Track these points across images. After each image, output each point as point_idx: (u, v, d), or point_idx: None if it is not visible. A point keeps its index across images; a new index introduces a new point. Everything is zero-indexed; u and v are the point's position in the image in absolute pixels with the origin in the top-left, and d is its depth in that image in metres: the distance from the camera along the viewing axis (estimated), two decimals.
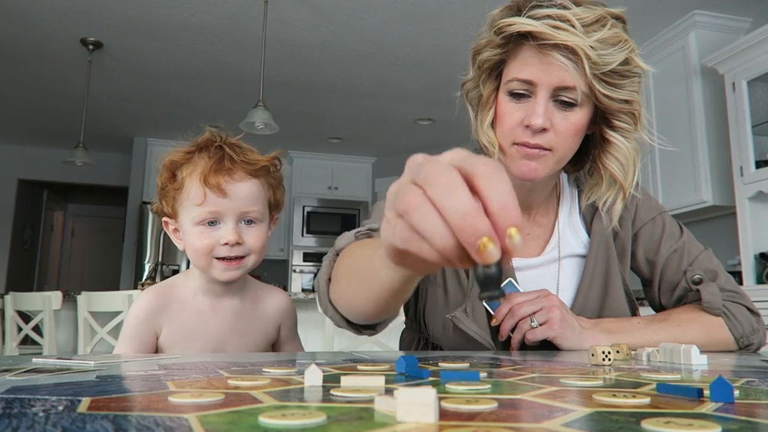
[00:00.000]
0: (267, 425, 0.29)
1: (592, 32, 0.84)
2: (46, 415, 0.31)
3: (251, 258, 1.00)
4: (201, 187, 0.95)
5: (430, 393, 0.30)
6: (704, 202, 3.49)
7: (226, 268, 0.97)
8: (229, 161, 0.97)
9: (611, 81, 0.85)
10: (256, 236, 1.00)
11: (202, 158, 0.98)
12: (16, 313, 3.13)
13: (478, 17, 1.05)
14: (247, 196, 0.98)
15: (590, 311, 1.01)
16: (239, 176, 0.97)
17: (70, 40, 4.03)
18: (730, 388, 0.38)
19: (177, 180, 0.98)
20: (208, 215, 0.96)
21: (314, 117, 5.62)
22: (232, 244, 0.96)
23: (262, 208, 1.01)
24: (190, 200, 0.96)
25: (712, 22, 3.59)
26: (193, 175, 0.97)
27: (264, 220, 1.02)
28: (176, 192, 0.98)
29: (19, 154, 6.81)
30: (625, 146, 0.91)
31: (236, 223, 0.97)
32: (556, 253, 1.04)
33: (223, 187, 0.95)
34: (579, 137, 0.91)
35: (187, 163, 0.98)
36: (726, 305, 0.99)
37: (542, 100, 0.87)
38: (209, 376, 0.49)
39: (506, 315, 0.92)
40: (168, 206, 1.00)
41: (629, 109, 0.89)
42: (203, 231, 0.96)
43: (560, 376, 0.51)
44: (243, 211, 0.97)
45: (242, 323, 1.04)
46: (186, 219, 0.98)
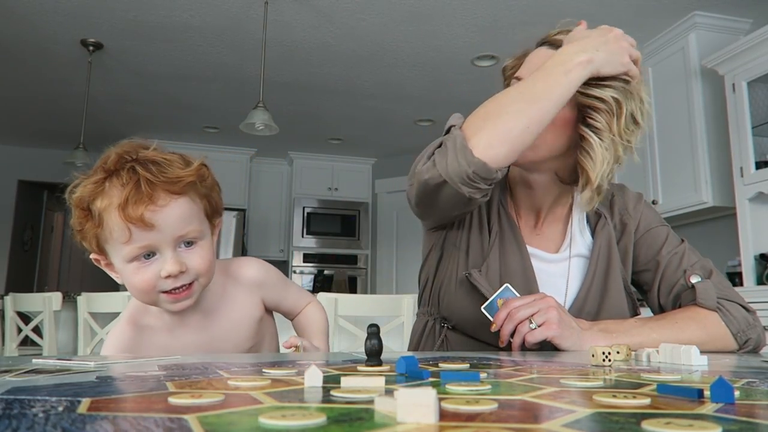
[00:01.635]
0: (267, 426, 0.29)
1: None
2: (46, 416, 0.31)
3: (200, 281, 0.90)
4: (122, 223, 0.81)
5: (430, 393, 0.30)
6: (704, 203, 3.49)
7: (174, 300, 0.88)
8: (147, 185, 0.82)
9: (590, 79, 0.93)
10: (200, 256, 0.88)
11: (115, 187, 0.83)
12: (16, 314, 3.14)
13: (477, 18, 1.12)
14: (178, 218, 0.85)
15: (590, 307, 1.06)
16: (163, 200, 0.83)
17: (71, 41, 4.03)
18: (730, 388, 0.38)
19: (93, 215, 0.84)
20: (140, 251, 0.84)
21: (314, 118, 5.62)
22: (174, 275, 0.85)
23: (199, 225, 0.89)
24: (114, 239, 0.83)
25: (712, 23, 3.59)
26: (109, 209, 0.82)
27: (205, 236, 0.90)
28: (96, 230, 0.85)
29: (19, 155, 6.81)
30: (594, 140, 0.95)
31: (174, 250, 0.85)
32: (567, 254, 1.11)
33: (147, 219, 0.81)
34: (556, 130, 0.97)
35: (100, 195, 0.83)
36: (720, 302, 1.02)
37: None
38: (209, 377, 0.49)
39: (505, 319, 0.93)
40: (92, 247, 0.88)
41: (604, 107, 0.94)
42: (139, 267, 0.85)
43: (560, 376, 0.51)
44: (178, 235, 0.85)
45: (215, 320, 0.98)
46: (116, 258, 0.86)
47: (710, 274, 1.07)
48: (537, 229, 1.13)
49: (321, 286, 6.47)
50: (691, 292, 1.04)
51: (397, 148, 6.59)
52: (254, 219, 6.79)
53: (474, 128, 0.90)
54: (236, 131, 4.61)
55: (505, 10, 3.55)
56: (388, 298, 2.38)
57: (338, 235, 6.83)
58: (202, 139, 6.26)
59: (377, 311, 2.32)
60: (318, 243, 6.76)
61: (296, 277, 6.62)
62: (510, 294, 0.98)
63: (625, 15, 3.56)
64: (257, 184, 6.84)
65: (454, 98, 5.03)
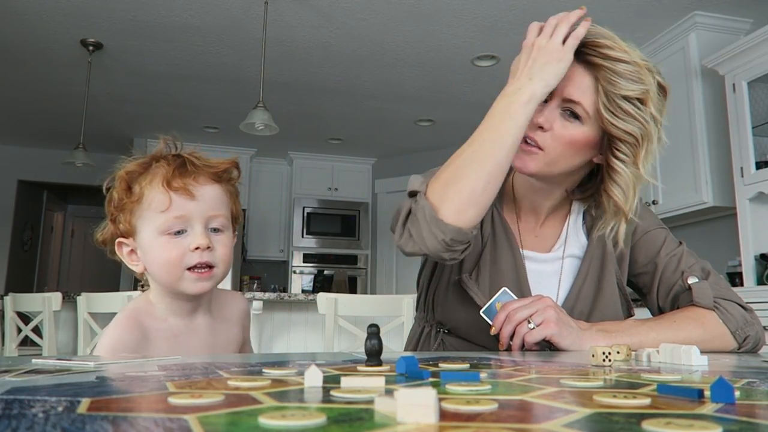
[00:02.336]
0: (267, 426, 0.29)
1: (620, 62, 0.94)
2: (45, 416, 0.31)
3: (220, 269, 0.95)
4: (165, 192, 0.90)
5: (430, 394, 0.30)
6: (704, 203, 3.49)
7: (198, 279, 0.92)
8: (191, 166, 0.93)
9: (618, 110, 0.94)
10: (224, 244, 0.95)
11: (161, 167, 0.93)
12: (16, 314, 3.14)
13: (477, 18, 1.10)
14: (213, 198, 0.94)
15: (582, 306, 1.07)
16: (203, 180, 0.93)
17: (70, 41, 4.04)
18: (730, 388, 0.38)
19: (134, 192, 0.93)
20: (175, 222, 0.90)
21: (314, 118, 5.62)
22: (203, 248, 0.91)
23: (228, 215, 0.97)
24: (152, 209, 0.91)
25: (712, 23, 3.59)
26: (153, 182, 0.92)
27: (229, 229, 0.97)
28: (134, 204, 0.92)
29: (18, 154, 6.81)
30: (625, 172, 0.98)
31: (204, 228, 0.92)
32: (560, 254, 1.12)
33: (189, 188, 0.91)
34: (575, 150, 0.99)
35: (144, 173, 0.93)
36: (717, 301, 1.03)
37: (552, 105, 0.98)
38: (209, 377, 0.49)
39: (503, 322, 0.95)
40: (125, 222, 0.94)
41: (630, 140, 0.96)
42: (169, 241, 0.91)
43: (560, 376, 0.51)
44: (210, 215, 0.93)
45: (216, 338, 1.01)
46: (148, 231, 0.92)
47: (708, 275, 1.08)
48: (536, 230, 1.13)
49: (321, 286, 6.47)
50: (688, 293, 1.05)
51: (397, 148, 6.59)
52: (254, 219, 6.79)
53: (439, 197, 0.93)
54: (236, 131, 4.61)
55: (505, 10, 3.55)
56: (388, 298, 2.38)
57: (338, 235, 6.83)
58: (202, 139, 6.26)
59: (377, 311, 2.32)
60: (318, 243, 6.76)
61: (296, 277, 6.62)
62: (508, 297, 1.00)
63: (625, 15, 3.56)
64: (257, 184, 6.84)
65: (454, 98, 5.03)
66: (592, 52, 0.96)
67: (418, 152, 6.63)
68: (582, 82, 0.96)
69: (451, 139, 6.02)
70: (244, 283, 6.39)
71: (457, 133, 5.82)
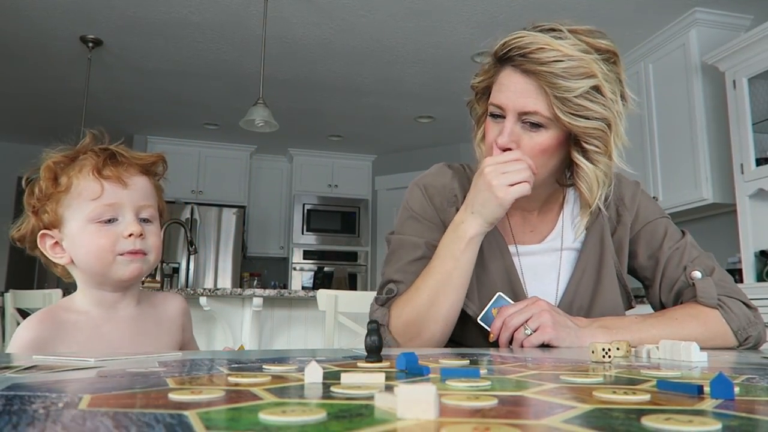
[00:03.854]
0: (267, 422, 0.29)
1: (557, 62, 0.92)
2: (46, 412, 0.31)
3: (152, 255, 0.94)
4: (96, 180, 0.90)
5: (430, 389, 0.30)
6: (704, 199, 3.48)
7: (130, 261, 0.91)
8: (121, 157, 0.94)
9: (573, 108, 0.93)
10: (155, 234, 0.95)
11: (89, 158, 0.93)
12: (16, 311, 3.14)
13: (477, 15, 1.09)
14: (143, 189, 0.95)
15: (582, 300, 1.06)
16: (133, 171, 0.94)
17: (70, 38, 4.03)
18: (730, 385, 0.38)
19: (60, 183, 0.92)
20: (106, 209, 0.90)
21: (314, 115, 5.61)
22: (137, 234, 0.90)
23: (156, 207, 0.97)
24: (82, 198, 0.90)
25: (712, 20, 3.59)
26: (83, 171, 0.91)
27: (157, 219, 0.97)
28: (61, 195, 0.91)
29: (18, 151, 6.79)
30: (588, 168, 0.99)
31: (135, 216, 0.92)
32: (557, 244, 1.10)
33: (122, 176, 0.91)
34: (548, 155, 0.98)
35: (71, 164, 0.93)
36: (721, 299, 1.01)
37: (509, 123, 0.97)
38: (209, 373, 0.49)
39: (501, 328, 0.95)
40: (51, 212, 0.92)
41: (596, 134, 0.96)
42: (100, 229, 0.90)
43: (560, 373, 0.51)
44: (141, 204, 0.93)
45: (142, 328, 0.98)
46: (77, 220, 0.90)
47: (712, 271, 1.06)
48: (531, 224, 1.12)
49: (321, 283, 6.47)
50: (692, 289, 1.03)
51: (397, 145, 6.59)
52: (254, 216, 6.79)
53: (406, 337, 1.01)
54: (236, 128, 4.61)
55: (504, 6, 3.54)
56: None
57: (338, 231, 6.83)
58: (202, 136, 6.26)
59: None
60: (318, 240, 6.76)
61: (296, 274, 6.62)
62: (503, 303, 1.00)
63: (625, 11, 3.55)
64: (257, 181, 6.84)
65: (454, 95, 5.02)
66: (524, 60, 0.94)
67: (418, 149, 6.62)
68: (529, 91, 0.94)
69: (451, 135, 6.02)
70: (245, 279, 6.39)
71: (457, 130, 5.82)
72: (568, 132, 0.97)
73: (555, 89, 0.92)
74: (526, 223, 1.12)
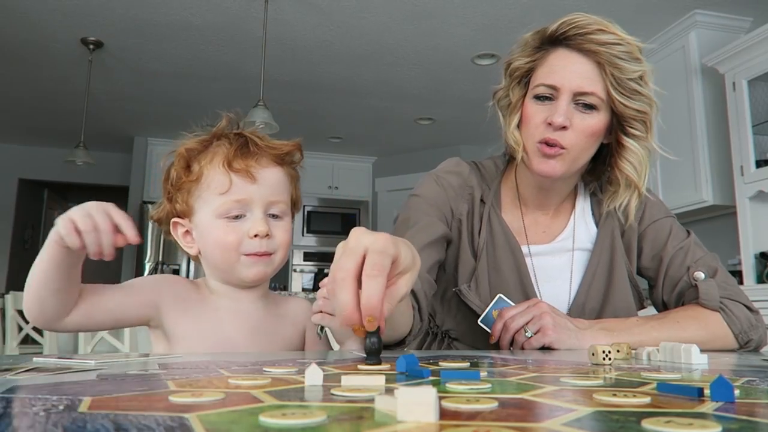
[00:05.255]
0: (267, 424, 0.29)
1: (616, 45, 0.95)
2: (47, 415, 0.31)
3: (278, 255, 0.90)
4: (225, 174, 0.86)
5: (430, 392, 0.30)
6: (704, 201, 3.48)
7: (254, 262, 0.87)
8: (254, 146, 0.88)
9: (627, 90, 0.95)
10: (284, 230, 0.90)
11: (222, 145, 0.89)
12: (17, 313, 3.13)
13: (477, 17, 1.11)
14: (275, 183, 0.89)
15: (594, 301, 1.06)
16: (266, 162, 0.89)
17: (71, 40, 4.03)
18: (730, 387, 0.38)
19: (193, 171, 0.88)
20: (234, 205, 0.86)
21: (315, 117, 5.62)
22: (262, 235, 0.86)
23: (288, 200, 0.92)
24: (211, 190, 0.87)
25: (712, 22, 3.59)
26: (213, 162, 0.87)
27: (288, 214, 0.93)
28: (192, 184, 0.88)
29: (19, 153, 6.80)
30: (638, 150, 1.00)
31: (264, 213, 0.88)
32: (568, 244, 1.10)
33: (251, 171, 0.86)
34: (594, 140, 1.00)
35: (204, 152, 0.89)
36: (723, 302, 1.01)
37: (564, 102, 0.97)
38: (210, 376, 0.49)
39: (502, 330, 0.95)
40: (182, 202, 0.89)
41: (642, 117, 0.98)
42: (227, 224, 0.86)
43: (560, 375, 0.51)
44: (271, 200, 0.88)
45: (262, 325, 0.93)
46: (206, 213, 0.87)
47: (715, 272, 1.06)
48: (545, 224, 1.12)
49: None
50: (694, 290, 1.03)
51: (398, 147, 6.59)
52: None
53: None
54: None
55: (505, 8, 3.55)
56: None
57: (339, 233, 6.82)
58: None
59: None
60: (318, 242, 6.76)
61: (296, 275, 6.62)
62: (504, 304, 0.99)
63: (625, 13, 3.56)
64: None
65: (454, 97, 5.03)
66: (583, 40, 0.96)
67: (418, 150, 6.62)
68: (586, 71, 0.96)
69: (452, 137, 6.02)
70: None
71: (457, 132, 5.82)
72: (611, 120, 0.99)
73: (615, 69, 0.94)
74: (538, 224, 1.12)
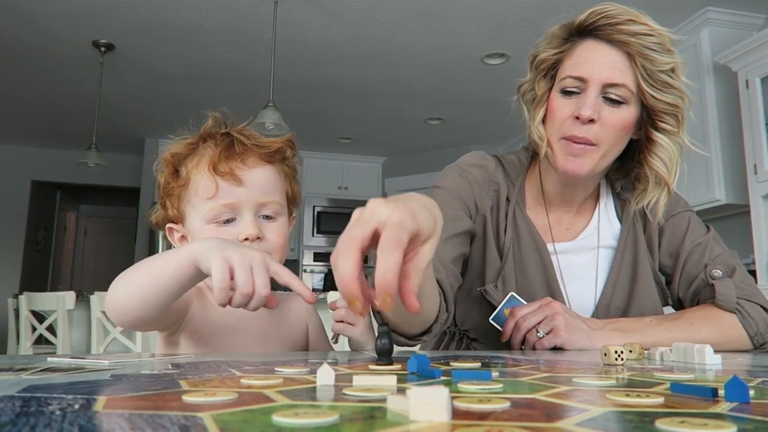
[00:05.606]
0: (280, 424, 0.29)
1: (647, 36, 0.92)
2: (62, 414, 0.32)
3: (273, 257, 0.86)
4: (211, 178, 0.83)
5: (442, 392, 0.30)
6: (717, 200, 3.45)
7: None
8: (240, 146, 0.86)
9: (658, 83, 0.92)
10: (277, 232, 0.87)
11: (208, 147, 0.86)
12: (30, 313, 3.17)
13: (487, 17, 1.08)
14: (264, 183, 0.86)
15: (620, 300, 1.03)
16: (253, 162, 0.86)
17: (82, 43, 4.07)
18: (745, 387, 0.38)
19: (181, 176, 0.87)
20: (222, 210, 0.84)
21: (324, 117, 5.63)
22: (252, 239, 0.83)
23: (281, 200, 0.89)
24: (199, 195, 0.85)
25: (724, 19, 3.56)
26: (199, 166, 0.85)
27: (283, 213, 0.89)
28: (181, 189, 0.87)
29: (32, 155, 6.87)
30: (669, 145, 0.97)
31: (254, 215, 0.85)
32: (592, 242, 1.07)
33: (237, 173, 0.83)
34: (624, 135, 0.96)
35: (191, 155, 0.87)
36: (740, 303, 0.99)
37: (592, 94, 0.93)
38: (222, 375, 0.50)
39: (514, 329, 0.94)
40: (173, 208, 0.88)
41: (673, 111, 0.95)
42: (217, 230, 0.84)
43: (573, 375, 0.51)
44: (260, 201, 0.85)
45: (268, 329, 0.92)
46: (195, 219, 0.85)
47: (733, 271, 1.03)
48: (565, 222, 1.10)
49: (331, 285, 6.48)
50: (710, 288, 1.01)
51: (407, 147, 6.59)
52: None
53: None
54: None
55: (514, 7, 3.53)
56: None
57: None
58: None
59: None
60: (328, 242, 6.77)
61: (307, 276, 6.63)
62: (516, 303, 0.98)
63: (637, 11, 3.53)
64: None
65: (464, 96, 5.02)
66: (613, 31, 0.92)
67: (428, 151, 6.61)
68: (616, 62, 0.92)
69: (461, 137, 6.01)
70: None
71: (467, 132, 5.81)
72: (641, 115, 0.96)
73: (645, 61, 0.91)
74: (562, 221, 1.09)
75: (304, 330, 0.99)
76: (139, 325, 0.76)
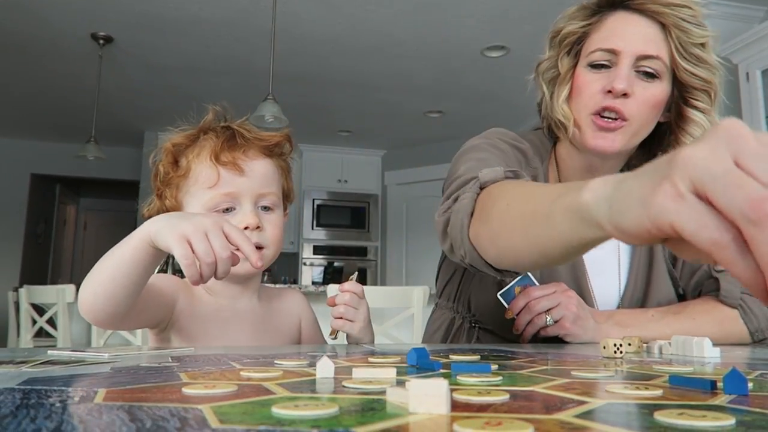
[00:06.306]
0: (280, 416, 0.29)
1: (682, 7, 0.87)
2: (63, 406, 0.32)
3: (270, 250, 0.89)
4: (213, 167, 0.85)
5: (442, 384, 0.30)
6: None
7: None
8: (241, 138, 0.88)
9: (692, 57, 0.88)
10: (274, 224, 0.89)
11: (209, 139, 0.88)
12: (31, 306, 3.17)
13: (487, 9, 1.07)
14: (264, 175, 0.88)
15: (639, 291, 1.02)
16: (253, 154, 0.88)
17: (81, 35, 4.05)
18: (743, 380, 0.38)
19: (181, 165, 0.88)
20: (223, 198, 0.85)
21: (324, 110, 5.62)
22: (252, 228, 0.85)
23: (278, 192, 0.91)
24: (199, 184, 0.86)
25: (725, 12, 3.54)
26: (201, 155, 0.87)
27: (280, 207, 0.92)
28: (180, 179, 0.88)
29: (31, 149, 6.86)
30: (704, 122, 0.93)
31: (254, 206, 0.87)
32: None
33: (239, 163, 0.85)
34: (655, 113, 0.92)
35: (191, 146, 0.89)
36: (743, 297, 0.98)
37: (625, 67, 0.88)
38: (222, 368, 0.50)
39: (523, 309, 0.92)
40: (171, 198, 0.89)
41: (707, 87, 0.91)
42: None
43: (572, 368, 0.51)
44: (260, 192, 0.87)
45: (261, 323, 0.93)
46: (195, 208, 0.86)
47: None
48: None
49: (331, 278, 6.49)
50: (713, 281, 1.01)
51: (407, 140, 6.58)
52: None
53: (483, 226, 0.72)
54: None
55: (514, 0, 3.52)
56: (398, 290, 2.38)
57: (348, 227, 6.83)
58: None
59: (387, 303, 2.32)
60: (328, 235, 6.77)
61: (306, 269, 6.64)
62: (528, 281, 0.95)
63: None
64: None
65: (463, 89, 5.00)
66: (648, 0, 0.88)
67: (427, 143, 6.60)
68: (650, 34, 0.88)
69: (461, 130, 6.00)
70: None
71: (467, 124, 5.80)
72: (671, 92, 0.92)
73: (681, 32, 0.87)
74: None
75: (296, 324, 0.99)
76: (115, 321, 0.75)
